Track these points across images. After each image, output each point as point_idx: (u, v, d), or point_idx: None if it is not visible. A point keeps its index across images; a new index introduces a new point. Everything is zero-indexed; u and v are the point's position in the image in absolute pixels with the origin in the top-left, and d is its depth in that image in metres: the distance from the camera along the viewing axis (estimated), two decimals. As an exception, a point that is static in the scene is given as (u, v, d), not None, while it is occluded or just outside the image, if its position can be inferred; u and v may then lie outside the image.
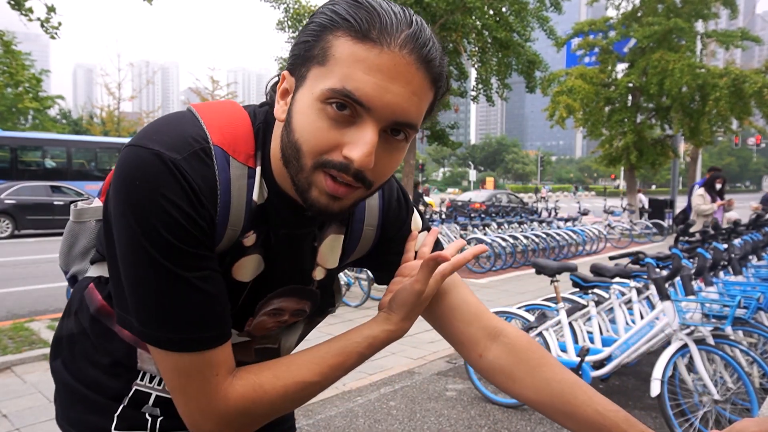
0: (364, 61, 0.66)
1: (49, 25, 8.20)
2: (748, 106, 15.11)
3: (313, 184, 0.71)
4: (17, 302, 6.43)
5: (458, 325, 0.91)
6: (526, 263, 9.30)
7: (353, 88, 0.66)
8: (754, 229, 6.25)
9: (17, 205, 13.59)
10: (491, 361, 0.90)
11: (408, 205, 0.98)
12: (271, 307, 0.88)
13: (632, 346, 3.37)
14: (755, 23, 65.19)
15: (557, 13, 12.31)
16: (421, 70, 0.69)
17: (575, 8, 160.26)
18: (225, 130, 0.76)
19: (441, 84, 0.73)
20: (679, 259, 3.55)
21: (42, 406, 3.49)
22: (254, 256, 0.81)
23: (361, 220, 0.91)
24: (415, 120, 0.71)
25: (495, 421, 3.44)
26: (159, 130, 0.73)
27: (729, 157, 79.63)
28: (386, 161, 0.73)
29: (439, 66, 0.71)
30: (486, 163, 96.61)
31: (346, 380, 4.07)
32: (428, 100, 0.73)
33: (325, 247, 0.88)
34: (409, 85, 0.68)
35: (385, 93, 0.67)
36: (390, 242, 0.96)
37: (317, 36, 0.69)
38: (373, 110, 0.68)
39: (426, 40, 0.69)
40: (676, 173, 19.30)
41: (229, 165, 0.75)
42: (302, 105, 0.71)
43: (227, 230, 0.76)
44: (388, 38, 0.66)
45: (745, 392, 2.98)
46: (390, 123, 0.69)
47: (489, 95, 12.72)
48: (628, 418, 0.80)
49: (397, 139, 0.72)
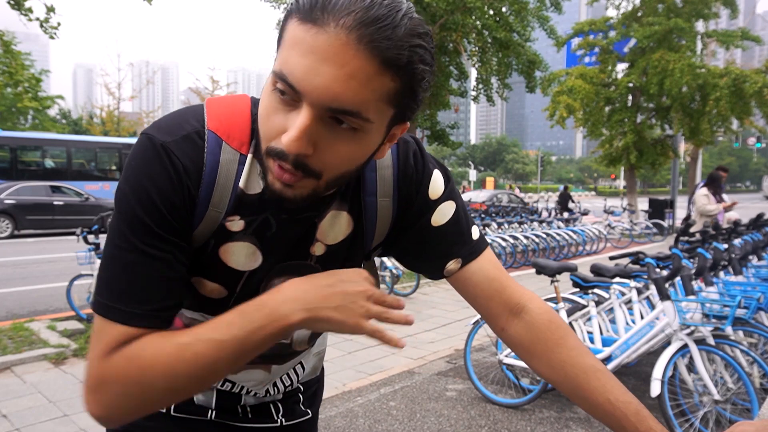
0: (301, 42, 0.64)
1: (48, 25, 8.20)
2: (748, 106, 15.12)
3: (268, 170, 0.71)
4: (17, 302, 6.43)
5: (480, 300, 0.92)
6: (526, 263, 9.30)
7: (288, 71, 0.64)
8: (755, 229, 6.25)
9: (17, 205, 13.58)
10: (511, 335, 0.92)
11: (425, 165, 0.91)
12: (272, 287, 0.87)
13: (632, 346, 3.37)
14: (755, 23, 65.18)
15: (557, 13, 12.32)
16: (362, 51, 0.62)
17: (575, 8, 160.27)
18: (223, 117, 0.78)
19: (404, 68, 0.65)
20: (680, 259, 3.55)
21: (42, 406, 3.49)
22: (244, 244, 0.81)
23: (373, 192, 0.87)
24: (351, 106, 0.64)
25: (495, 421, 3.44)
26: (165, 118, 0.78)
27: (729, 157, 79.56)
28: (333, 151, 0.68)
29: (395, 48, 0.63)
30: (486, 163, 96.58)
31: (346, 380, 4.07)
32: (380, 87, 0.65)
33: (326, 223, 0.86)
34: (344, 67, 0.62)
35: (315, 76, 0.63)
36: (409, 212, 0.91)
37: (284, 23, 0.69)
38: (304, 94, 0.64)
39: (377, 17, 0.61)
40: (676, 173, 19.29)
41: (221, 149, 0.77)
42: (264, 92, 0.71)
43: (209, 210, 0.77)
44: (328, 17, 0.62)
45: (746, 392, 2.98)
46: (324, 109, 0.65)
47: (489, 95, 12.73)
48: (638, 411, 0.80)
49: (342, 128, 0.67)
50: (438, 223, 0.91)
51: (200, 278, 0.84)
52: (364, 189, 0.87)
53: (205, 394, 0.98)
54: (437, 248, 0.92)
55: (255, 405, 1.03)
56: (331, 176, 0.72)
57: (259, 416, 1.03)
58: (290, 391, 1.08)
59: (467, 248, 0.92)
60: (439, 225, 0.91)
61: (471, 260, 0.91)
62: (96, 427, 3.20)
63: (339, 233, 0.87)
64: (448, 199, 0.92)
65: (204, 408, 0.98)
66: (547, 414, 3.53)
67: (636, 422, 0.78)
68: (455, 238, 0.92)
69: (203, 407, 0.98)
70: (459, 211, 0.93)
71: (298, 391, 1.10)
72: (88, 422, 3.25)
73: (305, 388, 1.12)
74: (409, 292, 7.07)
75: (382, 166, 0.87)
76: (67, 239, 11.52)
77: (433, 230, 0.91)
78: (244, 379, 0.98)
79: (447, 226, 0.91)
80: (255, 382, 0.99)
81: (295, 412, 1.08)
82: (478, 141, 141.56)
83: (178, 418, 0.98)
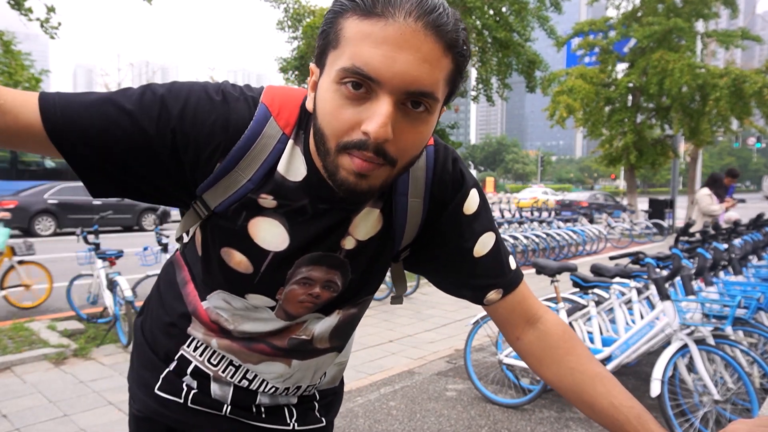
0: (370, 35, 0.67)
1: (48, 25, 8.18)
2: (748, 106, 15.10)
3: (339, 166, 0.73)
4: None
5: (502, 311, 0.96)
6: (526, 263, 9.30)
7: (362, 63, 0.67)
8: (755, 229, 6.25)
9: (59, 204, 14.26)
10: (525, 344, 0.95)
11: (464, 177, 0.93)
12: (300, 276, 0.90)
13: (632, 346, 3.37)
14: (755, 23, 65.16)
15: (557, 13, 12.29)
16: (430, 36, 0.68)
17: (575, 8, 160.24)
18: (276, 97, 0.83)
19: (459, 50, 0.72)
20: (679, 259, 3.55)
21: (42, 406, 3.49)
22: (273, 222, 0.84)
23: (404, 192, 0.90)
24: (429, 88, 0.70)
25: (495, 421, 3.44)
26: (230, 83, 0.87)
27: (729, 157, 79.54)
28: (409, 135, 0.72)
29: (453, 31, 0.70)
30: (486, 163, 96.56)
31: (346, 380, 4.07)
32: (445, 67, 0.71)
33: (359, 218, 0.88)
34: (419, 52, 0.67)
35: (394, 63, 0.67)
36: (440, 219, 0.93)
37: (331, 23, 0.72)
38: (383, 83, 0.68)
39: (434, 6, 0.68)
40: (676, 173, 19.29)
41: (267, 123, 0.81)
42: (323, 90, 0.74)
43: (234, 171, 0.81)
44: (393, 10, 0.67)
45: (746, 392, 2.98)
46: (404, 93, 0.69)
47: (489, 95, 12.71)
48: (641, 415, 0.82)
49: (418, 111, 0.71)
50: (480, 254, 0.94)
51: (230, 249, 0.87)
52: (396, 188, 0.89)
53: (222, 389, 0.99)
54: (479, 279, 0.95)
55: (269, 406, 1.03)
56: (404, 162, 0.75)
57: (272, 417, 1.04)
58: (306, 397, 1.08)
59: (507, 279, 0.95)
60: (480, 256, 0.94)
61: (511, 291, 0.95)
62: (96, 427, 3.20)
63: (370, 229, 0.90)
64: (488, 230, 0.95)
65: (220, 402, 1.00)
66: (547, 414, 3.53)
67: (638, 425, 0.81)
68: (496, 269, 0.95)
69: (219, 402, 1.00)
70: (498, 243, 0.96)
71: (313, 398, 1.10)
72: (88, 422, 3.25)
73: (321, 397, 1.11)
74: (409, 292, 7.08)
75: (416, 168, 0.89)
76: (68, 239, 11.53)
77: (474, 260, 0.94)
78: (264, 371, 0.99)
79: (487, 257, 0.94)
80: (274, 374, 0.99)
81: (308, 418, 1.08)
82: (478, 141, 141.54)
83: (194, 409, 1.00)
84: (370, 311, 6.05)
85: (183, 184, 0.83)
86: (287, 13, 11.94)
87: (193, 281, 0.97)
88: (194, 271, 0.96)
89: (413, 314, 6.14)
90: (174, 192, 0.85)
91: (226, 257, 0.87)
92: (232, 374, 0.98)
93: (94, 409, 3.39)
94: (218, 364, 0.98)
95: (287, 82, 12.80)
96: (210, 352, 0.98)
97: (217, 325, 0.95)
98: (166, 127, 0.77)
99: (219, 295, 0.93)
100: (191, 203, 0.86)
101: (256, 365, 0.98)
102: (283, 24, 12.05)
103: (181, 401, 0.99)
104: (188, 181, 0.82)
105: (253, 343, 0.96)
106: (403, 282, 1.07)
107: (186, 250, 0.98)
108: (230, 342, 0.96)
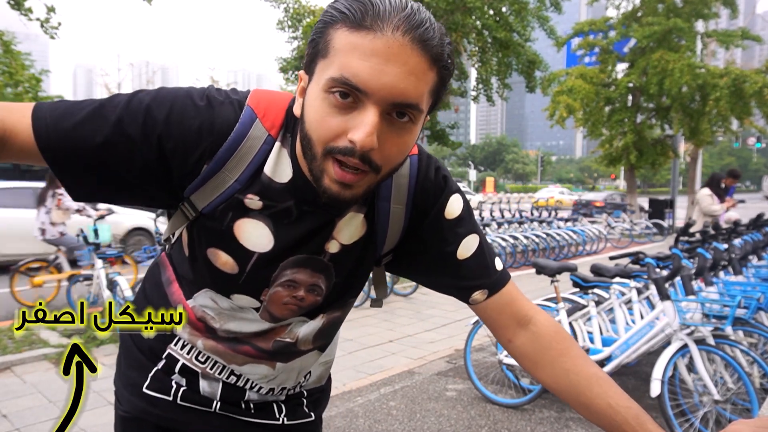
0: (359, 47, 0.69)
1: (48, 25, 8.19)
2: (748, 106, 15.10)
3: (324, 172, 0.75)
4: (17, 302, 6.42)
5: (490, 312, 0.97)
6: (526, 263, 9.29)
7: (351, 74, 0.70)
8: (755, 229, 6.24)
9: None
10: (518, 346, 0.95)
11: (447, 184, 0.96)
12: (284, 278, 0.91)
13: (632, 346, 3.37)
14: (755, 23, 65.14)
15: (557, 13, 12.29)
16: (416, 50, 0.70)
17: (575, 8, 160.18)
18: (262, 100, 0.85)
19: (444, 64, 0.74)
20: (679, 259, 3.55)
21: (42, 406, 3.49)
22: (258, 223, 0.86)
23: (387, 198, 0.92)
24: (414, 99, 0.72)
25: (495, 421, 3.44)
26: (215, 87, 0.88)
27: (729, 157, 79.50)
28: (393, 144, 0.75)
29: (439, 46, 0.72)
30: (486, 163, 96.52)
31: (346, 380, 4.07)
32: (430, 80, 0.74)
33: (343, 222, 0.90)
34: (405, 65, 0.70)
35: (381, 75, 0.69)
36: (422, 225, 0.95)
37: (321, 33, 0.74)
38: (371, 93, 0.70)
39: (421, 21, 0.70)
40: (676, 173, 19.29)
41: (253, 124, 0.83)
42: (311, 97, 0.75)
43: (222, 172, 0.83)
44: (381, 23, 0.69)
45: (746, 392, 2.98)
46: (390, 105, 0.71)
47: (489, 95, 12.71)
48: (638, 415, 0.82)
49: (403, 122, 0.74)
50: (463, 257, 0.95)
51: (216, 249, 0.88)
52: (378, 193, 0.91)
53: (211, 386, 1.00)
54: (463, 280, 0.96)
55: (258, 402, 1.05)
56: (387, 170, 0.78)
57: (261, 413, 1.05)
58: (293, 395, 1.09)
59: (492, 280, 0.96)
60: (464, 258, 0.95)
61: (496, 291, 0.96)
62: (96, 427, 3.20)
63: (354, 234, 0.91)
64: (471, 233, 0.96)
65: (209, 399, 1.01)
66: (547, 414, 3.53)
67: (636, 425, 0.81)
68: (481, 270, 0.96)
69: (208, 398, 1.00)
70: (482, 245, 0.97)
71: (301, 395, 1.11)
72: (88, 422, 3.25)
73: (309, 394, 1.13)
74: (409, 292, 7.08)
75: (399, 175, 0.91)
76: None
77: (458, 263, 0.95)
78: (249, 372, 1.00)
79: (471, 259, 0.95)
80: (259, 376, 1.01)
81: (297, 413, 1.09)
82: (478, 141, 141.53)
83: (184, 407, 1.00)
84: (370, 311, 6.05)
85: (170, 188, 0.84)
86: (287, 13, 11.95)
87: (178, 281, 0.98)
88: (180, 271, 0.98)
89: (413, 314, 6.14)
90: (160, 195, 0.86)
91: (213, 257, 0.89)
92: (220, 371, 0.99)
93: (94, 409, 3.39)
94: (205, 362, 0.99)
95: (287, 82, 12.81)
96: (196, 352, 0.99)
97: (203, 324, 0.96)
98: (153, 134, 0.79)
99: (206, 293, 0.94)
100: (179, 205, 0.88)
101: (241, 366, 0.99)
102: (283, 24, 12.06)
103: (170, 399, 1.00)
104: (176, 185, 0.84)
105: (238, 344, 0.97)
106: (384, 286, 1.09)
107: (172, 250, 1.00)
108: (215, 343, 0.97)
